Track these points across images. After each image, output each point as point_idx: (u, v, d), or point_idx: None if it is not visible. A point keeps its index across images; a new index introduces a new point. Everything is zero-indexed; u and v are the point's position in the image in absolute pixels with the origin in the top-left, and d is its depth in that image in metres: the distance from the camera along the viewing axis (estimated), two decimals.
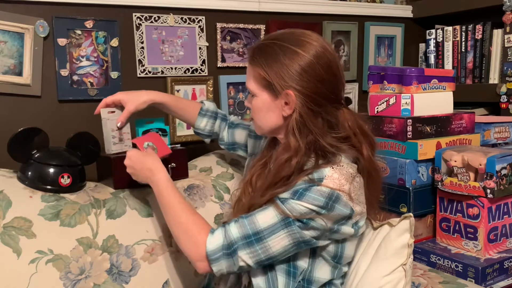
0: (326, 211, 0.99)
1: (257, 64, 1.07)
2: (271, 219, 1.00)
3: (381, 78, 1.68)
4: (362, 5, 2.13)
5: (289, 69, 1.02)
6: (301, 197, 0.99)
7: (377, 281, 1.10)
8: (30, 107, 1.48)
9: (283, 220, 0.99)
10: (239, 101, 1.87)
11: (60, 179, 1.27)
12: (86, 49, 1.56)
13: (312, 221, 0.99)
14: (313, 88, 1.03)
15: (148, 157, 1.20)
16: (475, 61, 2.01)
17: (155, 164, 1.17)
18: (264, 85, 1.07)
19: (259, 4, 1.85)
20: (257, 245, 1.00)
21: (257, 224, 1.00)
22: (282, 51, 1.04)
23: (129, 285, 1.25)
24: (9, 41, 1.43)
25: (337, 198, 0.99)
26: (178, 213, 1.09)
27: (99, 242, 1.25)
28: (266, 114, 1.09)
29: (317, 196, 0.98)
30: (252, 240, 1.00)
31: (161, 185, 1.14)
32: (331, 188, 0.99)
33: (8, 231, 1.16)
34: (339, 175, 1.01)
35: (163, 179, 1.15)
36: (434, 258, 1.53)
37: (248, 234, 1.00)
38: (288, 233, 1.00)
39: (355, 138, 1.07)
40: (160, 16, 1.67)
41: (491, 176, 1.43)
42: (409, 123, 1.56)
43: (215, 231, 1.03)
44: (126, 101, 1.31)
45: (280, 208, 0.99)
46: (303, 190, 0.99)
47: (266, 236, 0.99)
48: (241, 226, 1.01)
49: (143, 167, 1.18)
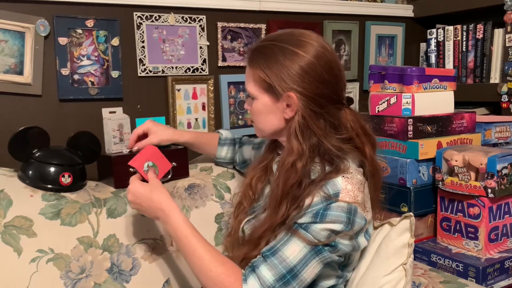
0: (350, 227, 0.97)
1: (256, 66, 1.05)
2: (300, 252, 0.95)
3: (382, 78, 1.68)
4: (363, 5, 2.12)
5: (289, 71, 1.00)
6: (323, 218, 0.95)
7: (378, 281, 1.09)
8: (31, 106, 1.49)
9: (313, 249, 0.96)
10: (240, 101, 1.87)
11: (60, 178, 1.27)
12: (87, 48, 1.56)
13: (340, 243, 0.98)
14: (315, 89, 1.01)
15: (155, 192, 1.07)
16: (476, 61, 2.01)
17: (165, 202, 1.06)
18: (265, 88, 1.05)
19: (259, 4, 1.85)
20: (294, 281, 0.96)
21: (288, 261, 0.95)
22: (282, 52, 1.02)
23: (129, 285, 1.25)
24: (10, 40, 1.43)
25: (355, 212, 0.98)
26: (206, 265, 0.98)
27: (100, 241, 1.25)
28: (267, 117, 1.07)
29: (339, 212, 0.96)
30: (288, 279, 0.95)
31: (179, 230, 1.03)
32: (347, 202, 0.97)
33: (9, 230, 1.16)
34: (352, 186, 0.99)
35: (179, 223, 1.03)
36: (435, 257, 1.53)
37: (282, 274, 0.95)
38: (320, 261, 0.97)
39: (358, 139, 1.06)
40: (161, 15, 1.67)
41: (492, 176, 1.43)
42: (410, 123, 1.56)
43: (247, 279, 0.96)
44: (152, 132, 1.31)
45: (306, 238, 0.95)
46: (323, 210, 0.96)
47: (300, 271, 0.95)
48: (272, 268, 0.95)
49: (152, 205, 1.07)
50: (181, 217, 1.04)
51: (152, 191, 1.07)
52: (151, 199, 1.06)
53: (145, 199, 1.07)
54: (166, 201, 1.06)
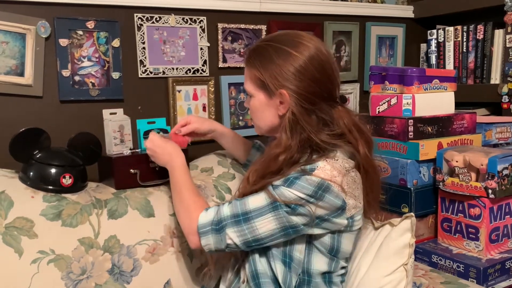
0: (315, 199, 1.01)
1: (252, 65, 1.11)
2: (260, 202, 1.04)
3: (382, 78, 1.68)
4: (363, 5, 2.13)
5: (282, 70, 1.06)
6: (291, 185, 1.02)
7: (378, 281, 1.10)
8: (32, 108, 1.49)
9: (271, 203, 1.03)
10: (240, 102, 1.87)
11: (61, 179, 1.27)
12: (88, 49, 1.56)
13: (300, 207, 1.01)
14: (306, 87, 1.06)
15: (169, 143, 1.28)
16: (477, 61, 2.01)
17: (175, 150, 1.25)
18: (260, 86, 1.11)
19: (260, 5, 1.85)
20: (244, 224, 1.04)
21: (247, 205, 1.05)
22: (276, 52, 1.07)
23: (130, 285, 1.25)
24: (11, 41, 1.43)
25: (327, 188, 1.01)
26: (183, 192, 1.17)
27: (101, 242, 1.25)
28: (263, 114, 1.14)
29: (306, 184, 1.01)
30: (240, 220, 1.04)
31: (177, 169, 1.21)
32: (321, 178, 1.01)
33: (10, 231, 1.16)
34: (331, 167, 1.03)
35: (180, 165, 1.22)
36: (436, 258, 1.53)
37: (237, 213, 1.05)
38: (275, 217, 1.03)
39: (351, 134, 1.09)
40: (161, 17, 1.67)
41: (492, 176, 1.43)
42: (411, 123, 1.56)
43: (209, 208, 1.10)
44: (193, 121, 1.38)
45: (270, 192, 1.03)
46: (294, 178, 1.02)
47: (254, 217, 1.04)
48: (232, 206, 1.07)
49: (164, 151, 1.25)
50: (184, 163, 1.23)
51: (167, 142, 1.28)
52: (164, 147, 1.26)
53: (159, 146, 1.27)
54: (176, 149, 1.26)
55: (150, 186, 1.39)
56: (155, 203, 1.35)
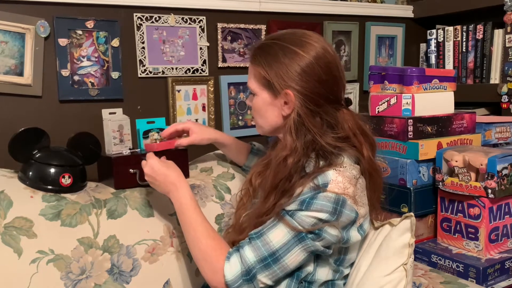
0: (336, 217, 0.98)
1: (257, 63, 1.08)
2: (283, 237, 0.98)
3: (382, 78, 1.68)
4: (363, 5, 2.13)
5: (288, 69, 1.03)
6: (308, 206, 0.98)
7: (378, 281, 1.09)
8: (31, 107, 1.49)
9: (296, 236, 0.98)
10: (240, 101, 1.87)
11: (61, 179, 1.27)
12: (87, 49, 1.56)
13: (324, 232, 0.99)
14: (312, 88, 1.03)
15: (171, 170, 1.16)
16: (476, 61, 2.01)
17: (179, 179, 1.14)
18: (264, 84, 1.08)
19: (259, 4, 1.85)
20: (275, 266, 0.99)
21: (271, 245, 0.99)
22: (283, 51, 1.05)
23: (130, 285, 1.25)
24: (10, 41, 1.43)
25: (343, 203, 0.99)
26: (198, 237, 1.06)
27: (100, 242, 1.25)
28: (266, 113, 1.11)
29: (324, 202, 0.97)
30: (269, 262, 0.99)
31: (184, 203, 1.11)
32: (336, 193, 0.98)
33: (9, 231, 1.16)
34: (343, 178, 1.00)
35: (186, 197, 1.12)
36: (435, 258, 1.53)
37: (264, 256, 0.98)
38: (302, 248, 0.99)
39: (355, 138, 1.07)
40: (161, 16, 1.67)
41: (492, 176, 1.43)
42: (410, 123, 1.56)
43: (231, 257, 1.01)
44: (193, 132, 1.34)
45: (291, 224, 0.98)
46: (310, 198, 0.98)
47: (282, 255, 0.98)
48: (255, 249, 0.99)
49: (166, 180, 1.14)
50: (189, 192, 1.12)
51: (169, 168, 1.16)
52: (166, 175, 1.15)
53: (160, 174, 1.15)
54: (179, 178, 1.14)
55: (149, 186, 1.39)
56: (154, 203, 1.34)
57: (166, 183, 1.14)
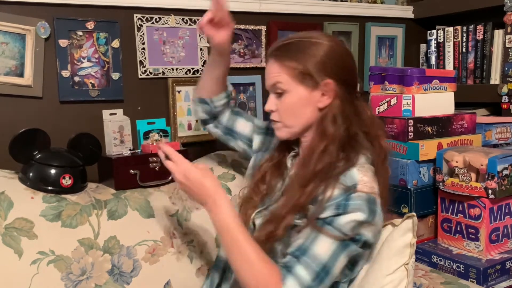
0: (372, 217, 0.99)
1: (289, 59, 1.07)
2: (329, 248, 0.97)
3: (382, 79, 1.68)
4: (363, 6, 2.13)
5: (324, 60, 1.06)
6: (346, 209, 0.97)
7: (380, 280, 1.09)
8: (32, 108, 1.49)
9: (340, 244, 0.98)
10: (240, 102, 1.87)
11: (61, 180, 1.27)
12: (87, 50, 1.56)
13: (364, 235, 1.00)
14: (345, 76, 1.08)
15: (208, 179, 1.03)
16: (476, 62, 2.01)
17: (217, 191, 1.02)
18: (300, 79, 1.06)
19: (260, 5, 1.85)
20: (327, 278, 0.98)
21: (320, 258, 0.96)
22: (313, 45, 1.07)
23: (130, 286, 1.25)
24: (11, 42, 1.43)
25: (374, 201, 1.00)
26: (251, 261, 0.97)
27: (100, 243, 1.25)
28: (301, 110, 1.08)
29: (360, 201, 0.97)
30: (322, 277, 0.97)
31: (228, 222, 1.00)
32: (366, 192, 0.99)
33: (10, 232, 1.16)
34: (368, 178, 1.02)
35: (229, 215, 1.00)
36: (436, 258, 1.53)
37: (317, 272, 0.96)
38: (346, 254, 1.00)
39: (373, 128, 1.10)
40: (161, 17, 1.67)
41: (492, 177, 1.43)
42: (410, 124, 1.56)
43: (286, 280, 0.95)
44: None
45: (332, 234, 0.96)
46: (344, 200, 0.97)
47: (331, 266, 0.97)
48: (307, 267, 0.96)
49: (202, 191, 1.02)
50: (231, 209, 1.01)
51: (205, 176, 1.03)
52: (202, 184, 1.02)
53: (196, 183, 1.02)
54: (217, 190, 1.02)
55: (150, 186, 1.39)
56: (155, 204, 1.34)
57: (203, 195, 1.02)
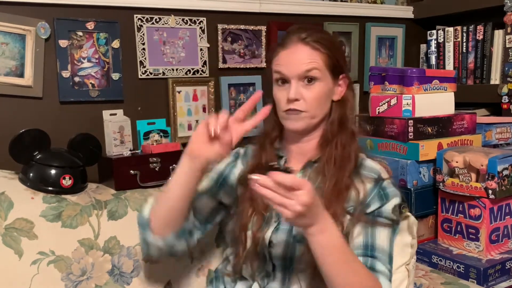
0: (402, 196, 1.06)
1: (324, 47, 1.03)
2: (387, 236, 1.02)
3: (382, 79, 1.68)
4: (363, 6, 2.13)
5: (343, 54, 1.12)
6: (387, 197, 1.03)
7: None
8: (32, 109, 1.49)
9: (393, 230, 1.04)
10: (240, 102, 1.87)
11: (61, 180, 1.27)
12: (88, 50, 1.56)
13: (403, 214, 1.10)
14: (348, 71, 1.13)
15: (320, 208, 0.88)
16: (476, 62, 2.01)
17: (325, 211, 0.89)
18: (330, 69, 1.05)
19: (260, 5, 1.85)
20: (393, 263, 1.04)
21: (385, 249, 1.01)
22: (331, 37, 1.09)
23: (130, 286, 1.25)
24: (11, 42, 1.43)
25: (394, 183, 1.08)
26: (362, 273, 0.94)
27: (101, 243, 1.25)
28: (325, 100, 1.06)
29: (391, 188, 1.05)
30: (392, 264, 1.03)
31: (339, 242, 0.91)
32: (388, 178, 1.07)
33: (10, 232, 1.16)
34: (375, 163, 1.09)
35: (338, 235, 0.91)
36: (436, 259, 1.53)
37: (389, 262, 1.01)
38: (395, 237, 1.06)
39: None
40: (161, 18, 1.67)
41: (492, 177, 1.43)
42: (411, 124, 1.56)
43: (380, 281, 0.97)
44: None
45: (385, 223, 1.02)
46: (382, 190, 1.04)
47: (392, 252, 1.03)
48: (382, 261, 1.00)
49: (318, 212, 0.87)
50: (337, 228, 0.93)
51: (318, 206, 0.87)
52: (318, 205, 0.87)
53: (317, 204, 0.86)
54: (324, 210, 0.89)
55: (150, 187, 1.39)
56: None
57: (317, 216, 0.86)
